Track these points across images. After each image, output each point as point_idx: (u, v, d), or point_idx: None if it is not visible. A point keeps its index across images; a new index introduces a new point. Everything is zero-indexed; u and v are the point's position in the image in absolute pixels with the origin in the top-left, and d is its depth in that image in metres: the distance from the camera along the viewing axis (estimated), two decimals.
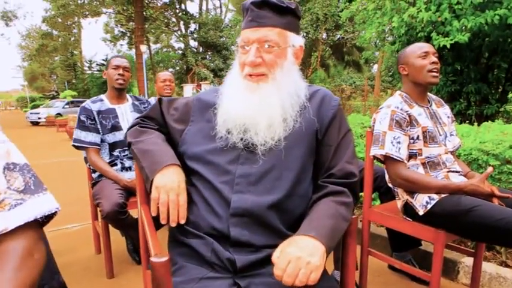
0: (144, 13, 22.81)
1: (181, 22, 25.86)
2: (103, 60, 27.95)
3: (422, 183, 1.72)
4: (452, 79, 5.74)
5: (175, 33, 26.87)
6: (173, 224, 1.08)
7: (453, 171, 1.83)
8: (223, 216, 1.04)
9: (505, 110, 6.90)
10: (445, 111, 1.97)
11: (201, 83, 15.60)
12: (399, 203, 1.89)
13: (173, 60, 27.06)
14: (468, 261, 2.15)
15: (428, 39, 4.35)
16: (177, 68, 23.99)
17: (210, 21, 23.80)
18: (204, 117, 1.19)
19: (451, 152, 1.96)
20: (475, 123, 3.67)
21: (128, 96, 2.63)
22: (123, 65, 2.49)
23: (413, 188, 1.77)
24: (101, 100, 2.52)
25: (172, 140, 1.24)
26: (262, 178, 1.06)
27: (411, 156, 1.84)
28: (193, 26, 26.11)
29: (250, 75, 1.12)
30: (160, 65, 28.59)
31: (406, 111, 1.80)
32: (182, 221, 1.08)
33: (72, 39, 31.50)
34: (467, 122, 5.76)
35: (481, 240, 1.63)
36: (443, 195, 1.69)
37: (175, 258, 1.09)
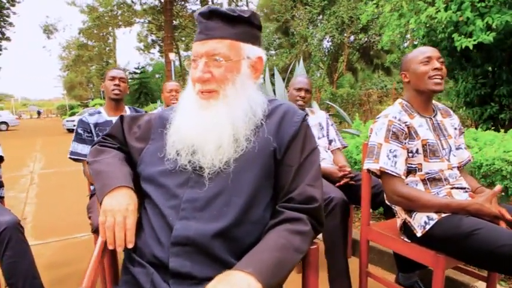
0: (174, 21, 23.28)
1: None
2: (135, 68, 28.77)
3: (421, 201, 1.56)
4: (482, 81, 5.40)
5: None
6: (119, 249, 1.01)
7: (457, 188, 1.65)
8: (166, 244, 0.95)
9: None
10: (452, 122, 1.79)
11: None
12: (398, 222, 1.73)
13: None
14: (482, 285, 1.94)
15: (450, 40, 4.09)
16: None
17: None
18: (163, 135, 1.12)
19: (459, 168, 1.78)
20: (501, 130, 3.39)
21: (126, 107, 2.62)
22: (119, 76, 2.50)
23: (411, 206, 1.61)
24: (99, 112, 2.52)
25: (133, 159, 1.17)
26: (209, 204, 0.97)
27: (410, 171, 1.67)
28: None
29: (202, 91, 1.04)
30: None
31: (405, 122, 1.64)
32: (129, 246, 1.00)
33: (107, 49, 32.64)
34: (499, 127, 5.39)
35: (483, 267, 1.45)
36: (443, 215, 1.52)
37: (122, 285, 1.01)
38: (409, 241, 1.64)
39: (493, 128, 5.11)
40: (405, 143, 1.63)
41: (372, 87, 19.15)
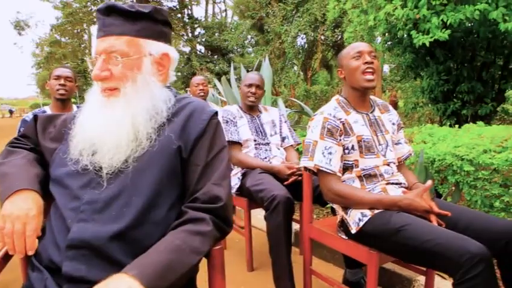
0: None
1: (188, 26, 25.90)
2: None
3: (355, 198, 1.56)
4: (445, 78, 5.50)
5: (182, 37, 26.92)
6: (20, 256, 0.97)
7: (393, 184, 1.65)
8: (62, 248, 0.91)
9: (503, 109, 6.62)
10: (390, 118, 1.79)
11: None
12: (338, 219, 1.72)
13: (180, 65, 27.10)
14: (423, 279, 1.97)
15: (411, 37, 4.14)
16: (185, 72, 24.00)
17: (215, 25, 23.75)
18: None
19: (399, 163, 1.79)
20: (456, 125, 3.46)
21: (74, 106, 2.55)
22: (64, 75, 2.42)
23: (346, 203, 1.61)
24: (44, 112, 2.43)
25: (46, 160, 1.12)
26: (108, 205, 0.94)
27: (347, 168, 1.67)
28: (199, 30, 26.15)
29: (103, 89, 1.01)
30: None
31: (340, 119, 1.64)
32: (30, 253, 0.96)
33: (82, 46, 31.86)
34: (462, 122, 5.52)
35: (412, 262, 1.46)
36: (376, 212, 1.53)
37: None
38: (346, 238, 1.64)
39: (456, 124, 5.22)
40: (340, 140, 1.63)
41: None
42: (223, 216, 0.99)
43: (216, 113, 1.09)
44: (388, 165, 1.68)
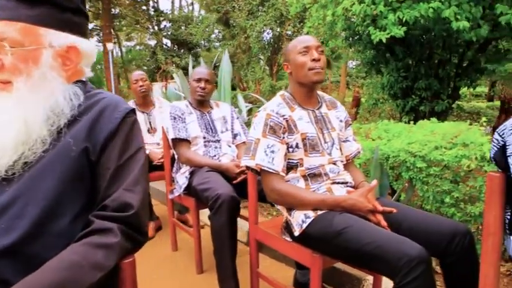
0: (113, 10, 22.15)
1: (153, 19, 25.28)
2: None
3: (297, 198, 1.49)
4: (404, 75, 5.60)
5: (147, 30, 26.26)
6: None
7: (339, 183, 1.59)
8: None
9: (458, 106, 6.83)
10: (337, 115, 1.72)
11: (169, 81, 15.27)
12: (283, 220, 1.65)
13: (145, 59, 26.42)
14: (372, 279, 1.93)
15: (370, 33, 4.15)
16: (150, 66, 23.44)
17: (181, 18, 23.30)
18: None
19: (347, 161, 1.74)
20: (411, 122, 3.50)
21: None
22: None
23: (289, 203, 1.53)
24: None
25: None
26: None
27: (292, 167, 1.59)
28: (165, 24, 25.59)
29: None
30: (132, 63, 27.90)
31: (283, 116, 1.55)
32: None
33: None
34: (420, 118, 5.63)
35: (355, 265, 1.41)
36: (319, 213, 1.46)
37: None
38: (291, 240, 1.57)
39: (414, 120, 5.31)
40: (284, 138, 1.54)
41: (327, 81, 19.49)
42: (135, 225, 0.87)
43: (133, 110, 0.97)
44: (334, 164, 1.62)
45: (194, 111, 2.48)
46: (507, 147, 0.90)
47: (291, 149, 1.57)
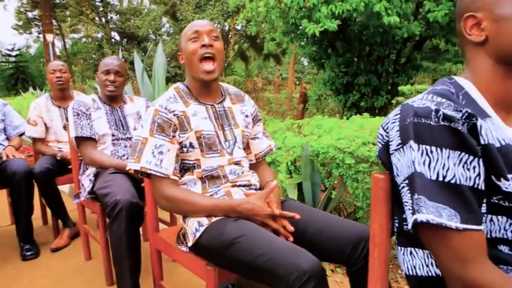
0: None
1: (101, 10, 24.05)
2: (8, 50, 25.26)
3: (189, 204, 1.31)
4: (345, 70, 5.60)
5: (93, 21, 24.94)
6: None
7: (240, 186, 1.44)
8: None
9: (397, 102, 7.00)
10: (243, 109, 1.56)
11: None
12: (179, 229, 1.47)
13: (91, 52, 25.08)
14: None
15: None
16: (97, 60, 22.30)
17: (129, 10, 22.33)
18: None
19: (257, 159, 1.59)
20: (345, 116, 3.45)
21: None
22: None
23: (181, 210, 1.36)
24: None
25: None
26: None
27: (188, 169, 1.41)
28: (112, 15, 24.43)
29: None
30: (77, 56, 26.41)
31: (173, 111, 1.36)
32: None
33: None
34: (361, 114, 5.67)
35: (250, 279, 1.26)
36: (213, 220, 1.29)
37: None
38: (187, 250, 1.39)
39: (356, 115, 5.33)
40: (175, 136, 1.36)
41: (268, 76, 19.46)
42: None
43: None
44: (237, 164, 1.46)
45: (103, 106, 2.23)
46: (390, 143, 0.77)
47: (185, 149, 1.38)
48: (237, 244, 1.17)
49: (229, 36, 12.32)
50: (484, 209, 0.73)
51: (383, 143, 0.81)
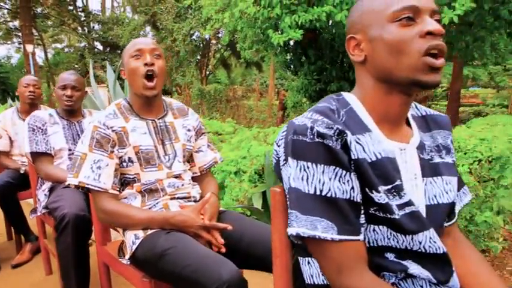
0: (35, 9, 20.63)
1: (83, 20, 23.93)
2: None
3: (126, 217, 1.35)
4: (317, 78, 5.71)
5: (75, 31, 24.79)
6: None
7: (179, 198, 1.48)
8: None
9: None
10: (185, 123, 1.60)
11: (99, 86, 14.53)
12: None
13: (73, 62, 24.92)
14: None
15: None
16: (79, 70, 22.15)
17: (111, 20, 22.28)
18: None
19: (201, 172, 1.63)
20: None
21: None
22: None
23: (119, 224, 1.40)
24: None
25: None
26: None
27: (128, 183, 1.45)
28: (93, 25, 24.32)
29: None
30: (60, 66, 26.20)
31: (112, 127, 1.40)
32: None
33: None
34: None
35: None
36: (149, 232, 1.33)
37: None
38: (128, 263, 1.42)
39: None
40: (113, 152, 1.40)
41: (253, 83, 19.55)
42: None
43: None
44: (177, 177, 1.50)
45: (61, 120, 2.25)
46: (280, 159, 0.82)
47: (124, 164, 1.42)
48: (167, 256, 1.21)
49: (210, 45, 12.40)
50: (362, 220, 0.78)
51: (276, 158, 0.86)
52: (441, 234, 0.96)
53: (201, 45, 12.45)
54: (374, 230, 0.81)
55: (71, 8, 23.36)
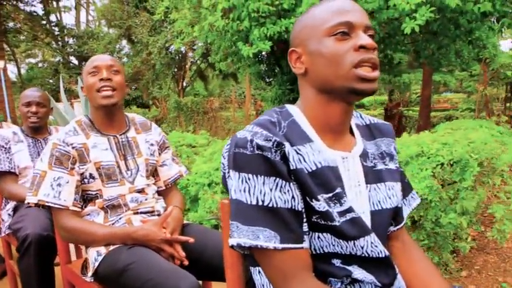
0: (5, 24, 20.20)
1: (57, 34, 23.57)
2: None
3: (87, 234, 1.35)
4: (290, 88, 5.80)
5: (49, 46, 24.37)
6: None
7: (143, 213, 1.48)
8: None
9: None
10: (148, 138, 1.61)
11: (73, 101, 14.33)
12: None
13: (47, 77, 24.45)
14: None
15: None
16: (53, 85, 21.75)
17: (86, 34, 22.04)
18: None
19: (166, 186, 1.64)
20: None
21: None
22: None
23: (81, 241, 1.40)
24: None
25: None
26: None
27: (91, 199, 1.45)
28: (70, 39, 24.00)
29: None
30: (33, 82, 25.64)
31: (72, 144, 1.41)
32: None
33: None
34: None
35: None
36: (110, 249, 1.33)
37: None
38: (92, 280, 1.41)
39: None
40: (74, 168, 1.40)
41: (231, 95, 19.64)
42: None
43: None
44: (140, 192, 1.50)
45: (25, 138, 2.22)
46: (225, 171, 0.85)
47: (86, 180, 1.42)
48: (129, 271, 1.21)
49: (186, 58, 12.42)
50: (305, 228, 0.81)
51: (223, 171, 0.89)
52: (388, 238, 1.00)
53: (178, 57, 12.46)
54: (318, 237, 0.84)
55: (44, 22, 22.98)
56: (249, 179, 0.78)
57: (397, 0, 3.35)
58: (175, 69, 12.55)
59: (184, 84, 13.49)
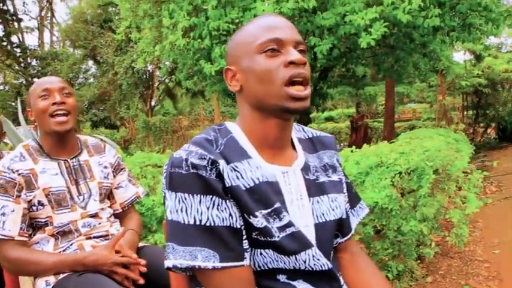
0: None
1: (19, 56, 22.89)
2: None
3: (34, 264, 1.29)
4: None
5: (11, 68, 23.61)
6: None
7: (96, 237, 1.44)
8: None
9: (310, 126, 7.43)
10: (101, 160, 1.57)
11: (36, 124, 13.81)
12: None
13: (8, 100, 23.58)
14: None
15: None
16: (16, 108, 20.97)
17: (50, 55, 21.53)
18: None
19: (122, 209, 1.59)
20: None
21: None
22: None
23: (28, 272, 1.34)
24: None
25: None
26: None
27: (40, 227, 1.40)
28: (33, 61, 23.35)
29: None
30: None
31: (18, 171, 1.35)
32: None
33: None
34: None
35: None
36: (60, 277, 1.28)
37: None
38: None
39: None
40: (20, 196, 1.34)
41: (202, 113, 19.60)
42: None
43: None
44: (93, 216, 1.46)
45: None
46: (165, 191, 0.84)
47: (34, 207, 1.37)
48: None
49: (152, 77, 12.35)
50: (246, 245, 0.81)
51: (164, 191, 0.88)
52: (336, 250, 1.01)
53: (145, 77, 12.36)
54: (261, 253, 0.84)
55: (4, 43, 22.29)
56: (185, 198, 0.77)
57: (353, 16, 3.47)
58: (143, 89, 12.42)
59: (153, 103, 13.36)
